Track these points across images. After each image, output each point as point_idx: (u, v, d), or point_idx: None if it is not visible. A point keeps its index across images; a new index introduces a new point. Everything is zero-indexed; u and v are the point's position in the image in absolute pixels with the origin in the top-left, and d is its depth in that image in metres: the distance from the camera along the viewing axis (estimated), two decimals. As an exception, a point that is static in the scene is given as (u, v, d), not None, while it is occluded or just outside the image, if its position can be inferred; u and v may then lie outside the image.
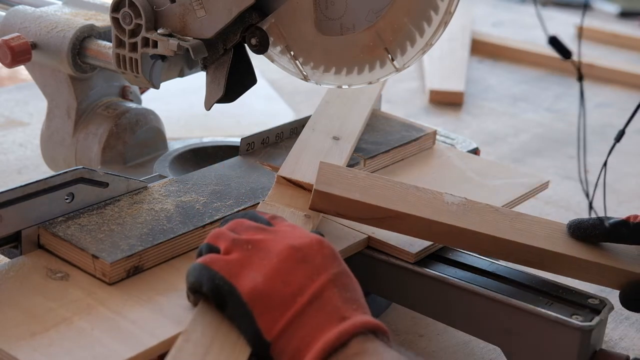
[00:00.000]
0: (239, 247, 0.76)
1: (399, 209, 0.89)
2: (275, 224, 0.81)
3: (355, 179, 0.92)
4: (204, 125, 1.49)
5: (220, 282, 0.73)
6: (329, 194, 0.89)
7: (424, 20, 0.96)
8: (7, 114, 1.56)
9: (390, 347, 0.71)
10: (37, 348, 0.73)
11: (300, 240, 0.76)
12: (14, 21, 1.11)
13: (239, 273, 0.74)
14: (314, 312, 0.71)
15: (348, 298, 0.73)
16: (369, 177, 0.93)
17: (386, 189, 0.91)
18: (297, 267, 0.74)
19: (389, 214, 0.89)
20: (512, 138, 1.66)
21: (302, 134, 1.07)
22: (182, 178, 0.99)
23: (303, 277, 0.73)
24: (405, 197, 0.91)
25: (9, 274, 0.83)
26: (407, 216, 0.89)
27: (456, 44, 2.03)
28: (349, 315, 0.71)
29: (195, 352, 0.71)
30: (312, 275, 0.73)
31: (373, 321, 0.71)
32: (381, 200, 0.89)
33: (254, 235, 0.77)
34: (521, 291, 0.89)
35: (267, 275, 0.73)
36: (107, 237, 0.85)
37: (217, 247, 0.77)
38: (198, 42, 0.96)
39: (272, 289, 0.72)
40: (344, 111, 1.14)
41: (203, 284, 0.74)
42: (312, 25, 0.97)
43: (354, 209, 0.89)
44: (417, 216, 0.89)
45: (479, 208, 0.91)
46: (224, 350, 0.72)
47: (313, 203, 0.90)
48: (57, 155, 1.15)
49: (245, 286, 0.73)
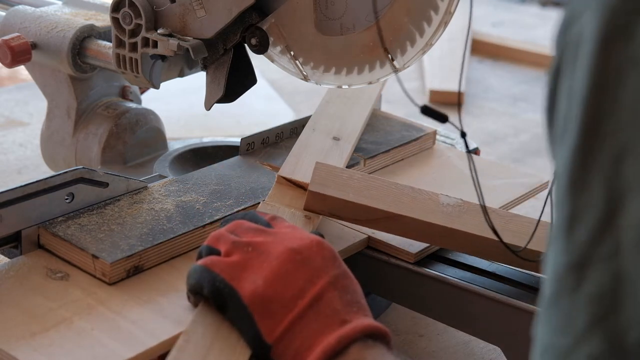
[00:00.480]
0: (239, 249, 0.76)
1: (393, 210, 0.88)
2: (275, 225, 0.80)
3: (351, 180, 0.91)
4: (204, 125, 1.49)
5: (221, 285, 0.73)
6: (323, 195, 0.89)
7: (424, 20, 0.96)
8: (7, 114, 1.56)
9: (390, 349, 0.71)
10: (37, 348, 0.73)
11: (299, 242, 0.76)
12: (14, 21, 1.11)
13: (239, 276, 0.74)
14: (314, 315, 0.71)
15: (348, 300, 0.73)
16: (364, 178, 0.93)
17: (381, 190, 0.91)
18: (297, 270, 0.74)
19: (384, 215, 0.88)
20: (512, 138, 1.66)
21: (302, 134, 1.07)
22: (182, 178, 0.99)
23: (303, 280, 0.73)
24: (400, 198, 0.90)
25: (9, 274, 0.83)
26: (401, 217, 0.88)
27: (456, 44, 2.03)
28: (349, 318, 0.71)
29: (196, 353, 0.71)
30: (312, 278, 0.73)
31: (373, 324, 0.71)
32: (376, 201, 0.89)
33: (254, 237, 0.77)
34: (521, 291, 0.88)
35: (267, 278, 0.73)
36: (107, 237, 0.85)
37: (217, 249, 0.77)
38: (198, 42, 0.96)
39: (273, 292, 0.72)
40: (344, 111, 1.14)
41: (204, 287, 0.74)
42: (312, 25, 0.97)
43: (349, 210, 0.89)
44: (411, 217, 0.88)
45: (474, 209, 0.91)
46: (224, 352, 0.72)
47: (307, 204, 0.90)
48: (57, 155, 1.15)
49: (246, 289, 0.73)
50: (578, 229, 0.46)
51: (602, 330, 0.44)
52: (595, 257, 0.45)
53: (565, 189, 0.46)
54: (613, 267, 0.44)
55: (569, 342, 0.46)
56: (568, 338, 0.46)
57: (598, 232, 0.45)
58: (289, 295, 0.72)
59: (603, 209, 0.45)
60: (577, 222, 0.46)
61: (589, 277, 0.45)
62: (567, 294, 0.46)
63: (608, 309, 0.44)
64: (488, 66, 2.07)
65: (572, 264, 0.46)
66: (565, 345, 0.46)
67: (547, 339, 0.48)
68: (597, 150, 0.45)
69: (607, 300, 0.45)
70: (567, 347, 0.46)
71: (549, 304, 0.48)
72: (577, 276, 0.46)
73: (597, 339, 0.45)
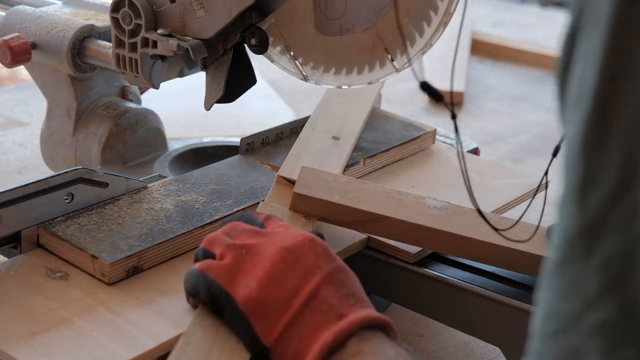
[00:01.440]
0: (233, 252, 0.76)
1: (378, 212, 0.88)
2: (268, 225, 0.81)
3: (336, 183, 0.91)
4: (204, 125, 1.49)
5: (217, 291, 0.74)
6: (308, 197, 0.89)
7: (423, 21, 0.96)
8: (7, 114, 1.56)
9: (393, 337, 0.71)
10: (37, 348, 0.73)
11: (292, 240, 0.76)
12: (14, 21, 1.11)
13: (234, 280, 0.74)
14: (310, 313, 0.71)
15: (344, 294, 0.73)
16: (350, 182, 0.93)
17: (367, 193, 0.91)
18: (291, 269, 0.74)
19: (369, 217, 0.88)
20: (512, 138, 1.66)
21: (301, 134, 1.07)
22: (181, 177, 0.99)
23: (297, 279, 0.73)
24: (386, 200, 0.90)
25: (9, 274, 0.83)
26: (387, 219, 0.88)
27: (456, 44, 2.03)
28: (346, 312, 0.71)
29: (195, 355, 0.71)
30: (307, 276, 0.73)
31: (371, 315, 0.71)
32: (361, 203, 0.89)
33: (248, 239, 0.77)
34: (521, 291, 0.88)
35: (261, 281, 0.73)
36: (107, 237, 0.85)
37: (212, 252, 0.78)
38: (198, 42, 0.96)
39: (267, 295, 0.72)
40: (344, 110, 1.14)
41: (200, 291, 0.75)
42: (312, 25, 0.97)
43: (334, 211, 0.89)
44: (396, 219, 0.88)
45: (462, 212, 0.90)
46: (224, 354, 0.72)
47: (292, 205, 0.90)
48: (57, 155, 1.15)
49: (241, 294, 0.73)
50: (592, 192, 0.44)
51: (615, 295, 0.43)
52: (610, 221, 0.44)
53: (579, 152, 0.45)
54: (629, 232, 0.43)
55: (577, 308, 0.45)
56: (576, 304, 0.45)
57: (614, 195, 0.43)
58: (283, 295, 0.72)
59: (620, 172, 0.43)
60: (591, 185, 0.44)
61: (602, 241, 0.44)
62: (578, 259, 0.45)
63: (622, 274, 0.43)
64: (488, 66, 2.07)
65: (584, 228, 0.45)
66: (572, 311, 0.45)
67: (551, 305, 0.46)
68: (615, 112, 0.43)
69: (621, 265, 0.43)
70: (574, 313, 0.45)
71: (555, 270, 0.46)
72: (590, 240, 0.44)
73: (608, 305, 0.43)
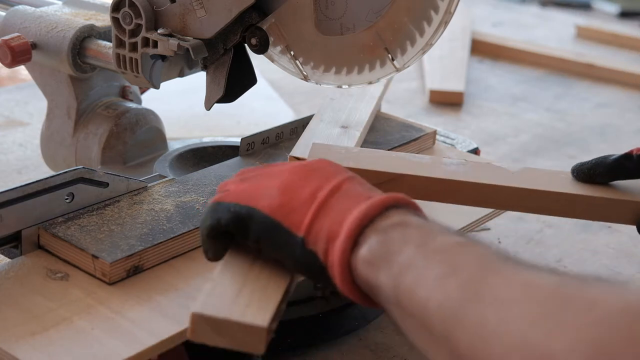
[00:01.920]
0: (248, 180, 0.76)
1: (396, 171, 0.88)
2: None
3: (349, 153, 0.92)
4: (204, 125, 1.49)
5: (237, 208, 0.72)
6: None
7: (424, 20, 0.96)
8: (7, 114, 1.56)
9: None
10: (37, 347, 0.73)
11: (307, 162, 0.77)
12: (14, 21, 1.11)
13: (253, 197, 0.73)
14: (337, 200, 0.70)
15: (369, 187, 0.72)
16: (362, 150, 0.94)
17: (381, 159, 0.91)
18: (310, 175, 0.73)
19: (387, 177, 0.87)
20: (512, 138, 1.66)
21: (310, 124, 1.07)
22: (182, 178, 0.99)
23: (318, 180, 0.73)
24: (402, 162, 0.91)
25: (9, 274, 0.83)
26: (405, 177, 0.88)
27: (456, 44, 2.03)
28: (373, 195, 0.70)
29: (225, 295, 0.70)
30: (328, 177, 0.73)
31: (405, 197, 0.69)
32: (377, 166, 0.89)
33: (262, 170, 0.78)
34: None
35: (281, 188, 0.72)
36: (107, 237, 0.86)
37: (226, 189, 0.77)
38: (198, 42, 0.96)
39: (290, 197, 0.72)
40: (350, 105, 1.14)
41: (221, 218, 0.73)
42: (312, 25, 0.97)
43: None
44: (415, 175, 0.88)
45: (479, 166, 0.91)
46: (255, 293, 0.71)
47: None
48: (57, 155, 1.15)
49: (264, 203, 0.72)
50: None
51: None
52: None
53: None
54: None
55: None
56: None
57: None
58: (307, 193, 0.71)
59: None
60: None
61: None
62: None
63: None
64: (488, 66, 2.07)
65: None
66: None
67: None
68: None
69: None
70: None
71: None
72: None
73: None
